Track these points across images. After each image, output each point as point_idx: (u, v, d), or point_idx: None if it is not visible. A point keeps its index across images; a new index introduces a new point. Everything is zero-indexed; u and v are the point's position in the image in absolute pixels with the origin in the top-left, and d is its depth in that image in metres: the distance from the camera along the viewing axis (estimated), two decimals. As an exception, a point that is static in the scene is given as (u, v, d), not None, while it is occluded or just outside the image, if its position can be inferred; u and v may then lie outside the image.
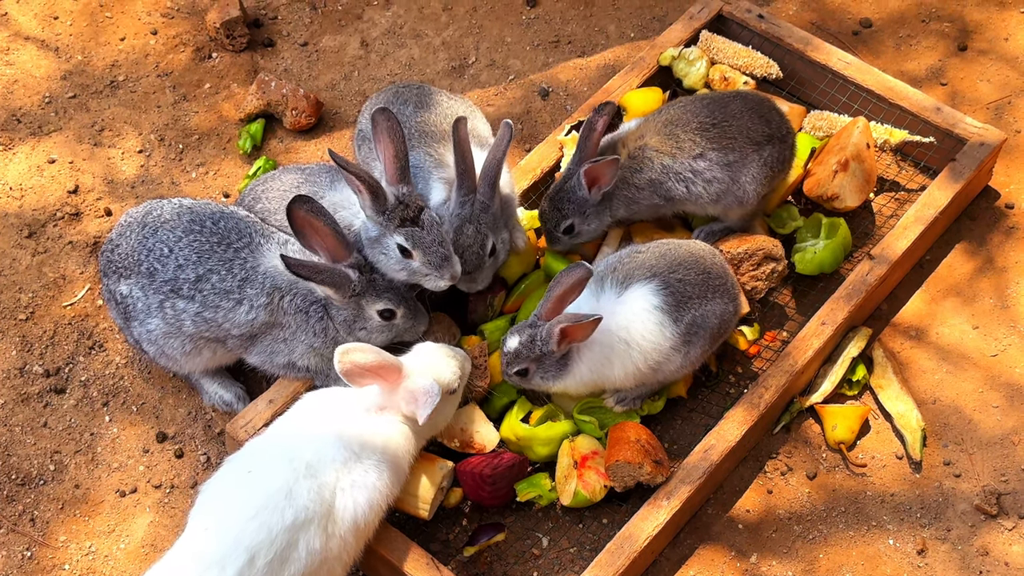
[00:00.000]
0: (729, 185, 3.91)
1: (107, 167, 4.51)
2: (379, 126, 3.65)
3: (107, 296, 3.85)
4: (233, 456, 3.40)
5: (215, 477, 3.35)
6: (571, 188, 3.87)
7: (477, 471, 3.61)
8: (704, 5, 4.61)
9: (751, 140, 3.91)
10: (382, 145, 3.65)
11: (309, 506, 3.23)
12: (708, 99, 4.01)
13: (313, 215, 3.53)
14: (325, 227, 3.55)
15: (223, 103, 4.71)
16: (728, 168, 3.90)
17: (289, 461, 3.29)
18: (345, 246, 3.61)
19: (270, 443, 3.43)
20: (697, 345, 3.66)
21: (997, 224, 4.34)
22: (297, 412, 3.52)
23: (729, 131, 3.90)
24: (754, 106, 3.97)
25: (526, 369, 3.60)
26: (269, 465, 3.30)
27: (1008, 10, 4.91)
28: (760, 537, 3.72)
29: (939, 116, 4.30)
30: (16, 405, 3.96)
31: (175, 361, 3.82)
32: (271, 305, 3.66)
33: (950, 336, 4.09)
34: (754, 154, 3.91)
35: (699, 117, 3.91)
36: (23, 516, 3.77)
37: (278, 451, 3.35)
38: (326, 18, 4.98)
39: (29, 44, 4.84)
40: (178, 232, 3.70)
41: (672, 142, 3.89)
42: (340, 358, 3.38)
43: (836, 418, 3.86)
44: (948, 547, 3.69)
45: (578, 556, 3.66)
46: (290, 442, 3.38)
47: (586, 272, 3.50)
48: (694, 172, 3.89)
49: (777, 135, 3.95)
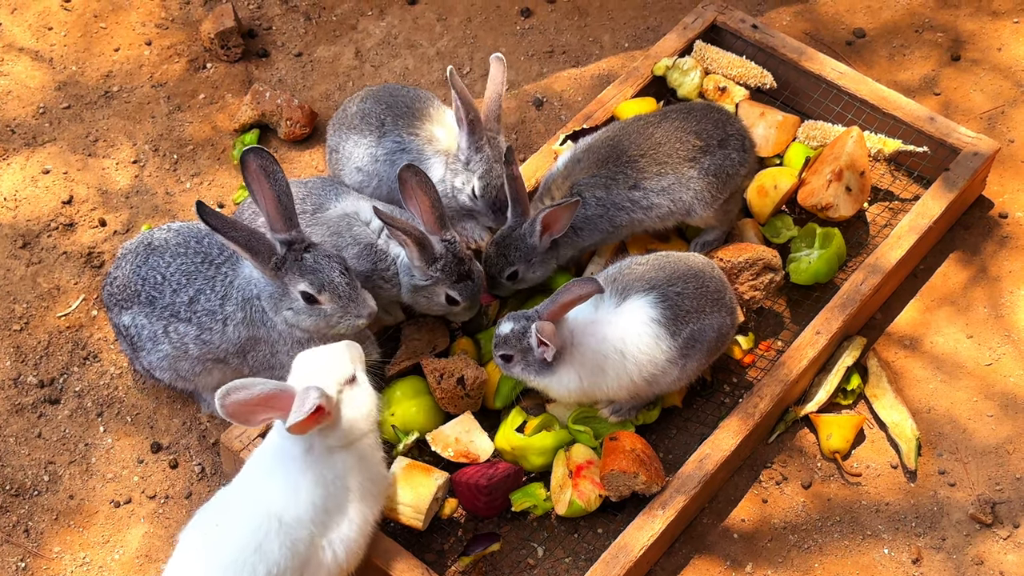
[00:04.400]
0: (671, 208, 3.93)
1: (101, 178, 4.51)
2: (408, 183, 3.63)
3: (114, 329, 3.85)
4: (204, 506, 3.28)
5: (188, 526, 3.25)
6: (521, 235, 3.83)
7: (473, 481, 3.60)
8: (698, 15, 4.62)
9: (684, 159, 3.91)
10: (415, 200, 3.66)
11: (281, 562, 3.12)
12: (631, 129, 3.98)
13: (263, 174, 3.44)
14: (270, 191, 3.45)
15: (217, 113, 4.71)
16: (666, 192, 3.91)
17: (257, 514, 3.15)
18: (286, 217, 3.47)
19: (238, 493, 3.27)
20: (694, 359, 3.66)
21: (991, 234, 4.34)
22: (260, 458, 3.33)
23: (658, 158, 3.91)
24: (680, 123, 3.95)
25: (510, 356, 3.60)
26: (237, 518, 3.17)
27: (1001, 20, 4.92)
28: (755, 546, 3.72)
29: (933, 126, 4.31)
30: (10, 416, 3.96)
31: (191, 382, 3.81)
32: (247, 319, 3.62)
33: (944, 345, 4.10)
34: (691, 170, 3.91)
35: (627, 151, 3.91)
36: (17, 527, 3.76)
37: (246, 503, 3.21)
38: (320, 28, 4.98)
39: (23, 55, 4.85)
40: (167, 257, 3.69)
41: (603, 177, 3.89)
42: (221, 402, 3.02)
43: (831, 427, 3.86)
44: (943, 556, 3.69)
45: (573, 566, 3.65)
46: (257, 493, 3.22)
47: (596, 288, 3.50)
48: (632, 201, 3.91)
49: (712, 144, 3.94)
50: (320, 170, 4.54)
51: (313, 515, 3.19)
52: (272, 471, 3.24)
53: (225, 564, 3.10)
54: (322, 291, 3.47)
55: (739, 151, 3.99)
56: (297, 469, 3.21)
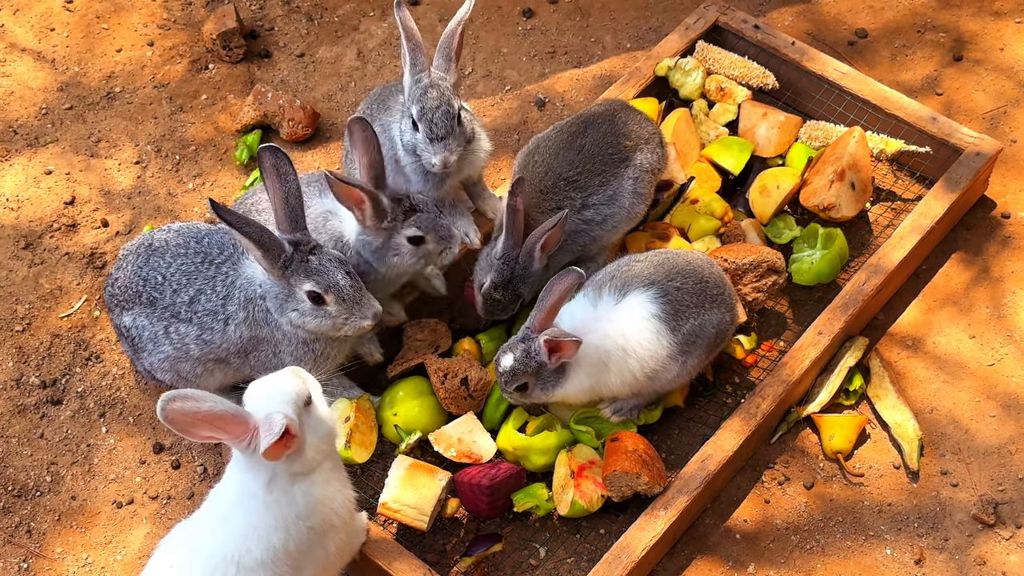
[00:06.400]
0: (619, 211, 3.95)
1: (103, 178, 4.51)
2: (354, 134, 3.57)
3: (115, 331, 3.85)
4: (162, 541, 3.17)
5: (148, 562, 3.15)
6: (522, 268, 3.79)
7: (475, 482, 3.60)
8: (700, 16, 4.62)
9: (617, 161, 3.93)
10: (358, 152, 3.59)
11: None
12: (561, 145, 3.95)
13: (275, 174, 3.44)
14: (280, 190, 3.43)
15: (219, 114, 4.71)
16: (613, 201, 3.93)
17: (211, 558, 3.05)
18: (293, 219, 3.46)
19: (195, 534, 3.14)
20: (694, 354, 3.67)
21: (993, 234, 4.34)
22: (217, 498, 3.18)
23: (594, 169, 3.91)
24: (606, 128, 3.96)
25: (525, 384, 3.59)
26: (190, 563, 3.07)
27: (1003, 20, 4.92)
28: (757, 547, 3.72)
29: (935, 126, 4.31)
30: (12, 416, 3.96)
31: (192, 383, 3.80)
32: (249, 318, 3.62)
33: (947, 346, 4.09)
34: (627, 170, 3.94)
35: (563, 174, 3.89)
36: (19, 528, 3.76)
37: (201, 546, 3.09)
38: (322, 29, 4.98)
39: (25, 56, 4.85)
40: (167, 258, 3.69)
41: (549, 206, 3.87)
42: (163, 406, 2.83)
43: (833, 428, 3.86)
44: (946, 557, 3.69)
45: (575, 566, 3.65)
46: (214, 535, 3.09)
47: (577, 277, 3.48)
48: (586, 222, 3.91)
49: (640, 144, 3.97)
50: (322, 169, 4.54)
51: (274, 558, 3.08)
52: (230, 512, 3.10)
53: None
54: (327, 292, 3.48)
55: (659, 148, 4.05)
56: (257, 509, 3.07)
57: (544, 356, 3.52)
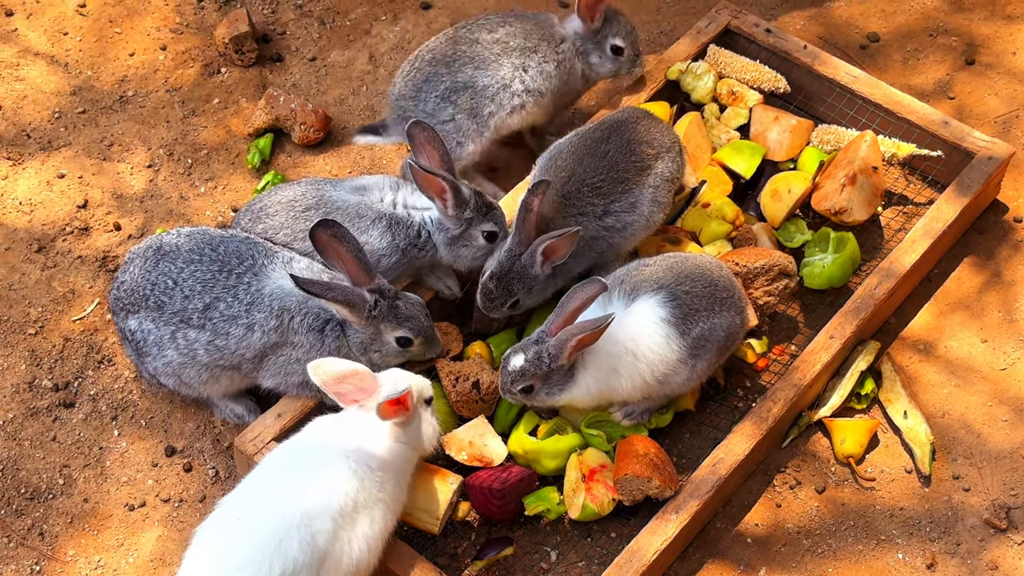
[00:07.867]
0: (639, 219, 3.95)
1: (116, 182, 4.53)
2: (416, 138, 3.79)
3: (120, 334, 3.86)
4: (226, 498, 3.33)
5: (207, 520, 3.28)
6: (522, 267, 3.78)
7: (486, 485, 3.60)
8: (712, 19, 4.62)
9: (639, 169, 3.93)
10: (424, 155, 3.81)
11: (299, 557, 3.15)
12: (585, 151, 3.95)
13: (336, 240, 3.58)
14: (347, 253, 3.59)
15: (232, 118, 4.72)
16: (634, 208, 3.93)
17: (281, 510, 3.21)
18: (366, 271, 3.62)
19: (262, 487, 3.33)
20: (704, 358, 3.66)
21: (1005, 238, 4.34)
22: (292, 450, 3.44)
23: (617, 176, 3.91)
24: (629, 135, 3.96)
25: (531, 386, 3.59)
26: (259, 514, 3.23)
27: (1015, 24, 4.91)
28: (769, 551, 3.72)
29: (947, 130, 4.31)
30: (25, 419, 3.97)
31: (195, 389, 3.82)
32: (281, 327, 3.67)
33: (958, 350, 4.09)
34: (648, 178, 3.94)
35: (586, 180, 3.89)
36: (32, 530, 3.77)
37: (270, 497, 3.27)
38: (335, 33, 4.99)
39: (39, 60, 4.87)
40: (179, 263, 3.71)
41: (572, 212, 3.88)
42: (314, 371, 3.41)
43: (845, 432, 3.85)
44: (958, 561, 3.68)
45: (586, 570, 3.65)
46: (284, 488, 3.29)
47: (601, 287, 3.50)
48: (606, 228, 3.91)
49: (662, 152, 3.98)
50: (333, 174, 4.55)
51: (343, 504, 3.26)
52: (306, 461, 3.36)
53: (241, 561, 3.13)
54: (417, 336, 3.71)
55: (679, 158, 4.05)
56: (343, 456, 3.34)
57: (563, 358, 3.51)
